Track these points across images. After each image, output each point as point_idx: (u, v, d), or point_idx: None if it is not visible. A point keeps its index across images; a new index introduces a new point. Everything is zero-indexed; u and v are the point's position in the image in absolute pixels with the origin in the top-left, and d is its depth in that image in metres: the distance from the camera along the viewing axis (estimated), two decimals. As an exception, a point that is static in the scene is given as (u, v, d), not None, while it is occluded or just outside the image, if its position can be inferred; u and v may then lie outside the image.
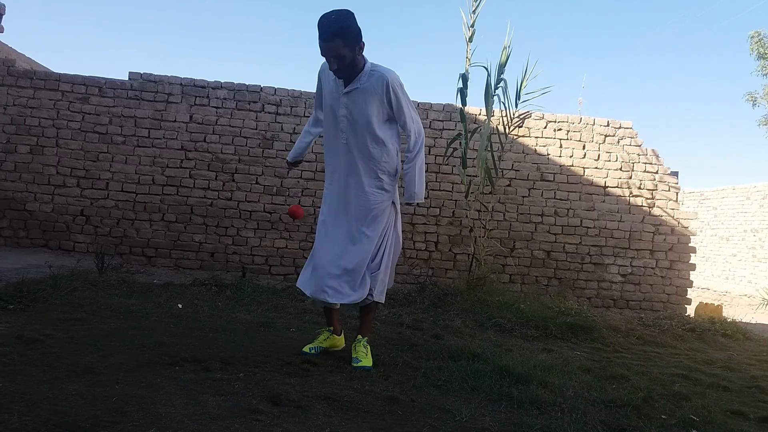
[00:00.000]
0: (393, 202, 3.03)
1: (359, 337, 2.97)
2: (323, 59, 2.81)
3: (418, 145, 2.98)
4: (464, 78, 5.80)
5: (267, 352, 2.97)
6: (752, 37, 15.91)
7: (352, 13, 2.71)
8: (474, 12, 5.83)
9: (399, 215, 3.12)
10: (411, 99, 2.97)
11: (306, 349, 2.98)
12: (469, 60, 5.82)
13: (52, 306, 3.56)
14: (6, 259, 5.27)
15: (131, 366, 2.51)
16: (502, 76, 5.78)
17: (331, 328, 3.11)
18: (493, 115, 6.03)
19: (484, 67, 5.78)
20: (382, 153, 2.91)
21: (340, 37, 2.65)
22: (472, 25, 5.84)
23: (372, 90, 2.81)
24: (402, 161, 2.98)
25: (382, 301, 3.04)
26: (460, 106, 5.93)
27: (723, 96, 60.48)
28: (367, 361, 2.87)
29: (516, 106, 6.00)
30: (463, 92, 5.85)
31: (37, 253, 5.94)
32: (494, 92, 5.85)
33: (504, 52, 5.73)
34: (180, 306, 4.03)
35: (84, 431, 1.77)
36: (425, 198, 5.67)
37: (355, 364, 2.84)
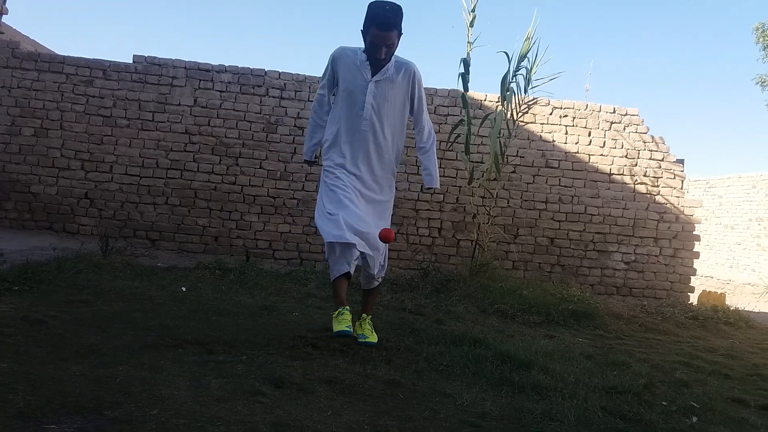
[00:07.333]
0: None
1: (364, 315, 3.08)
2: (337, 47, 2.97)
3: (432, 137, 3.16)
4: (465, 63, 5.75)
5: (270, 335, 2.99)
6: (757, 28, 15.65)
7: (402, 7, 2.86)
8: None
9: None
10: None
11: (345, 328, 2.70)
12: (471, 45, 5.77)
13: (56, 288, 3.58)
14: (11, 241, 5.29)
15: (135, 348, 2.53)
16: (521, 64, 5.73)
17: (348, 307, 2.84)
18: (499, 101, 5.99)
19: (505, 53, 5.74)
20: (397, 144, 3.07)
21: (396, 28, 2.81)
22: (473, 10, 5.78)
23: (400, 81, 2.96)
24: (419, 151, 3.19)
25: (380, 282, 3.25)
26: (462, 91, 5.90)
27: (731, 83, 59.96)
28: (373, 337, 2.98)
29: (525, 92, 5.95)
30: (464, 77, 5.80)
31: (41, 235, 5.96)
32: (513, 80, 5.81)
33: (527, 42, 5.66)
34: (184, 289, 4.06)
35: (88, 412, 1.79)
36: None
37: (361, 340, 2.92)
